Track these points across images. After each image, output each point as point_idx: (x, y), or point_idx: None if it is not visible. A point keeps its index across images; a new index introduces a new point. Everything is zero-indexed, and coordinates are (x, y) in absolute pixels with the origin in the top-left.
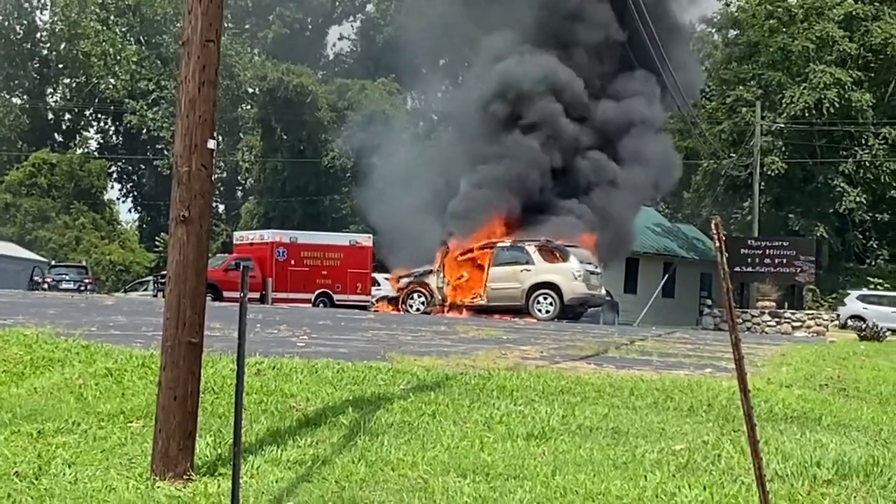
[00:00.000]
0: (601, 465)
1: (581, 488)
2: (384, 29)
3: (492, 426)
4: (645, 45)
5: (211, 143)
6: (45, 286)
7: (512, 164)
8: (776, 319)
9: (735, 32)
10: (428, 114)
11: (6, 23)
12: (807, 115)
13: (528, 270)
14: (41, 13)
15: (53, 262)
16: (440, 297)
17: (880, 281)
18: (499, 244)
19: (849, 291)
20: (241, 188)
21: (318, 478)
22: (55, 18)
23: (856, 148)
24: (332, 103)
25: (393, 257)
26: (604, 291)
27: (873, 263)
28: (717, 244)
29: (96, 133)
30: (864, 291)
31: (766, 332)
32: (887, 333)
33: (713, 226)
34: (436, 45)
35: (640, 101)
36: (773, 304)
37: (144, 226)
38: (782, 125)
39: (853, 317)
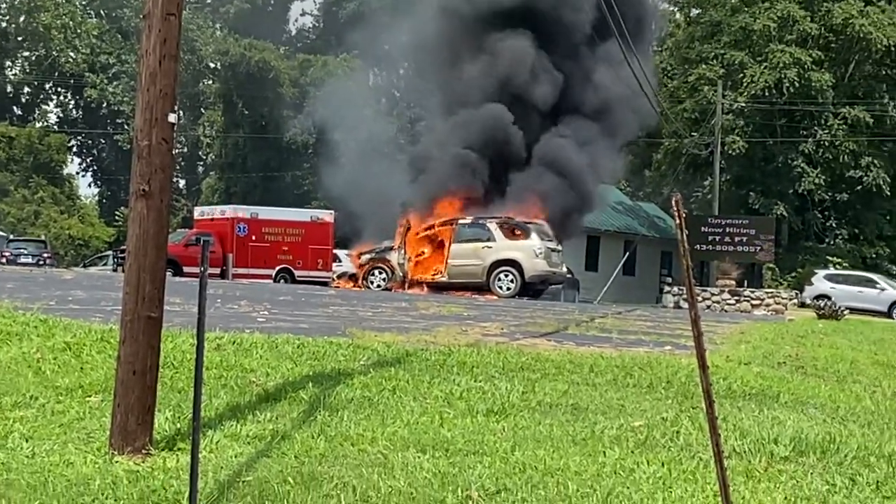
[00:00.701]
0: (560, 441)
1: (540, 464)
2: (346, 4)
3: (452, 402)
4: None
5: (172, 117)
6: (4, 260)
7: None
8: (736, 298)
9: (697, 11)
10: (390, 90)
11: None
12: (767, 94)
13: (490, 247)
14: None
15: (12, 237)
16: (401, 274)
17: (839, 260)
18: (460, 221)
19: (816, 271)
20: (202, 163)
21: (278, 453)
22: None
23: (816, 128)
24: (293, 79)
25: (355, 233)
26: (565, 269)
27: (832, 243)
28: (678, 221)
29: (56, 107)
30: (832, 271)
31: (726, 311)
32: (846, 312)
33: (673, 203)
34: (398, 21)
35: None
36: (733, 282)
37: (104, 200)
38: (743, 104)
39: (820, 296)
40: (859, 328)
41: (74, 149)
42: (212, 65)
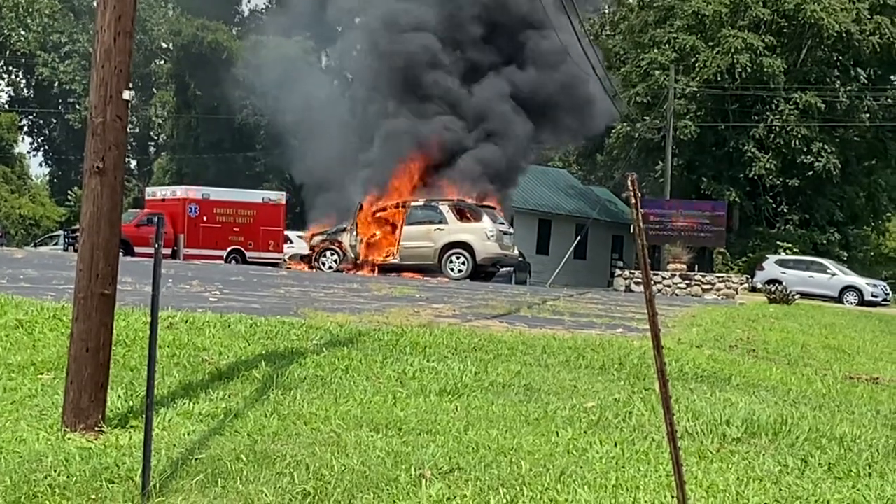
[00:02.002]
0: (513, 421)
1: (493, 443)
2: None
3: (405, 382)
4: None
5: (126, 94)
6: None
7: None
8: (687, 282)
9: None
10: (342, 72)
11: None
12: (719, 79)
13: (441, 230)
14: None
15: None
16: (353, 256)
17: (790, 245)
18: (412, 203)
19: (767, 256)
20: (153, 144)
21: (231, 431)
22: None
23: (767, 113)
24: (246, 60)
25: (309, 215)
26: (516, 252)
27: (783, 228)
28: (634, 201)
29: (7, 86)
30: (783, 256)
31: (677, 295)
32: (796, 296)
33: (629, 182)
34: (351, 3)
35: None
36: (684, 266)
37: (55, 180)
38: (695, 89)
39: (771, 281)
40: (810, 312)
41: (25, 128)
42: (164, 45)
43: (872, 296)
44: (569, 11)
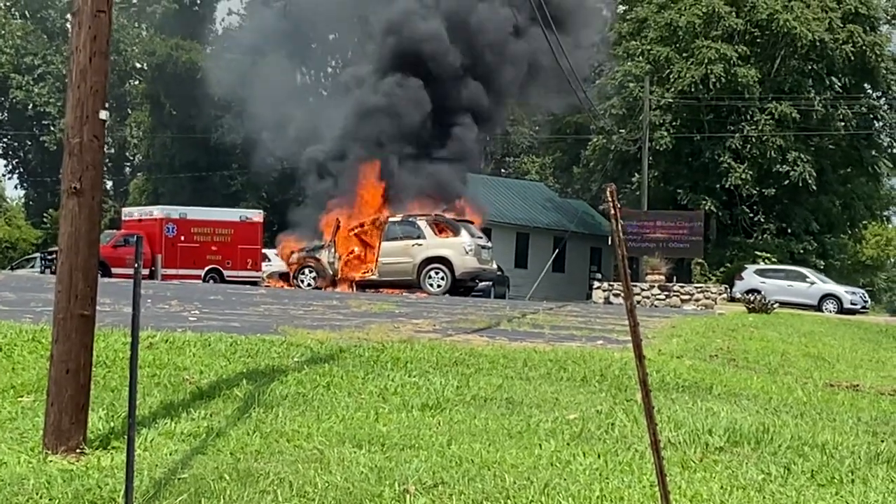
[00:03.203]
0: (496, 435)
1: (477, 457)
2: (273, 4)
3: (387, 397)
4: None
5: (103, 114)
6: None
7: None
8: (665, 293)
9: (624, 8)
10: (318, 89)
11: None
12: (694, 90)
13: (420, 245)
14: None
15: None
16: (332, 273)
17: (767, 255)
18: (390, 219)
19: (746, 266)
20: (129, 164)
21: (213, 450)
22: None
23: (743, 123)
24: (221, 79)
25: (285, 232)
26: (495, 266)
27: (760, 238)
28: (613, 211)
29: None
30: (762, 266)
31: (656, 306)
32: (775, 306)
33: (608, 193)
34: (326, 20)
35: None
36: (663, 277)
37: (31, 202)
38: (671, 100)
39: (750, 290)
40: (789, 321)
41: (0, 151)
42: (138, 65)
43: (851, 303)
44: (545, 29)
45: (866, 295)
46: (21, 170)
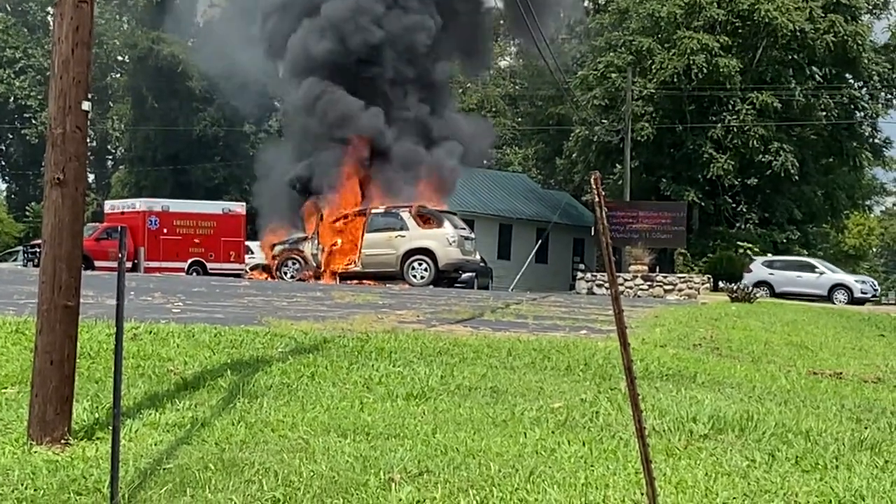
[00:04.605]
0: (481, 423)
1: (462, 446)
2: None
3: (371, 387)
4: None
5: (85, 105)
6: None
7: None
8: (648, 283)
9: None
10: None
11: None
12: (676, 80)
13: (403, 236)
14: None
15: None
16: (315, 264)
17: (750, 245)
18: (373, 210)
19: (753, 258)
20: (111, 157)
21: (198, 440)
22: None
23: (724, 113)
24: (202, 72)
25: (268, 224)
26: (478, 257)
27: (743, 227)
28: (597, 199)
29: None
30: (770, 257)
31: (639, 296)
32: (758, 294)
33: (592, 181)
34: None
35: None
36: (646, 267)
37: (13, 196)
38: (653, 91)
39: (760, 283)
40: (772, 310)
41: None
42: (120, 58)
43: (862, 292)
44: (528, 21)
45: (876, 284)
46: (2, 163)
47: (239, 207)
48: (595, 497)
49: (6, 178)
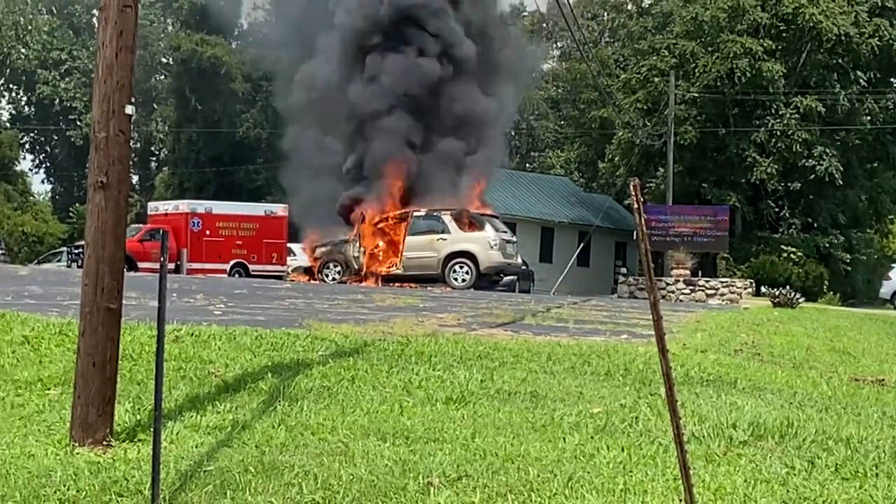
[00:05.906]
0: (520, 428)
1: (500, 450)
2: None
3: (411, 391)
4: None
5: (129, 109)
6: None
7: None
8: (690, 287)
9: (650, 2)
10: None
11: None
12: (719, 84)
13: (444, 239)
14: None
15: None
16: (356, 267)
17: (793, 250)
18: (415, 213)
19: (892, 265)
20: (154, 159)
21: (239, 443)
22: None
23: (768, 117)
24: (246, 74)
25: (309, 226)
26: (519, 260)
27: (786, 232)
28: (636, 205)
29: (8, 104)
30: None
31: (681, 300)
32: (800, 300)
33: (632, 187)
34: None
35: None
36: (688, 272)
37: (58, 197)
38: (696, 94)
39: None
40: (815, 316)
41: (27, 145)
42: (164, 60)
43: None
44: (569, 23)
45: None
46: (48, 164)
47: (281, 209)
48: (633, 503)
49: (51, 179)
